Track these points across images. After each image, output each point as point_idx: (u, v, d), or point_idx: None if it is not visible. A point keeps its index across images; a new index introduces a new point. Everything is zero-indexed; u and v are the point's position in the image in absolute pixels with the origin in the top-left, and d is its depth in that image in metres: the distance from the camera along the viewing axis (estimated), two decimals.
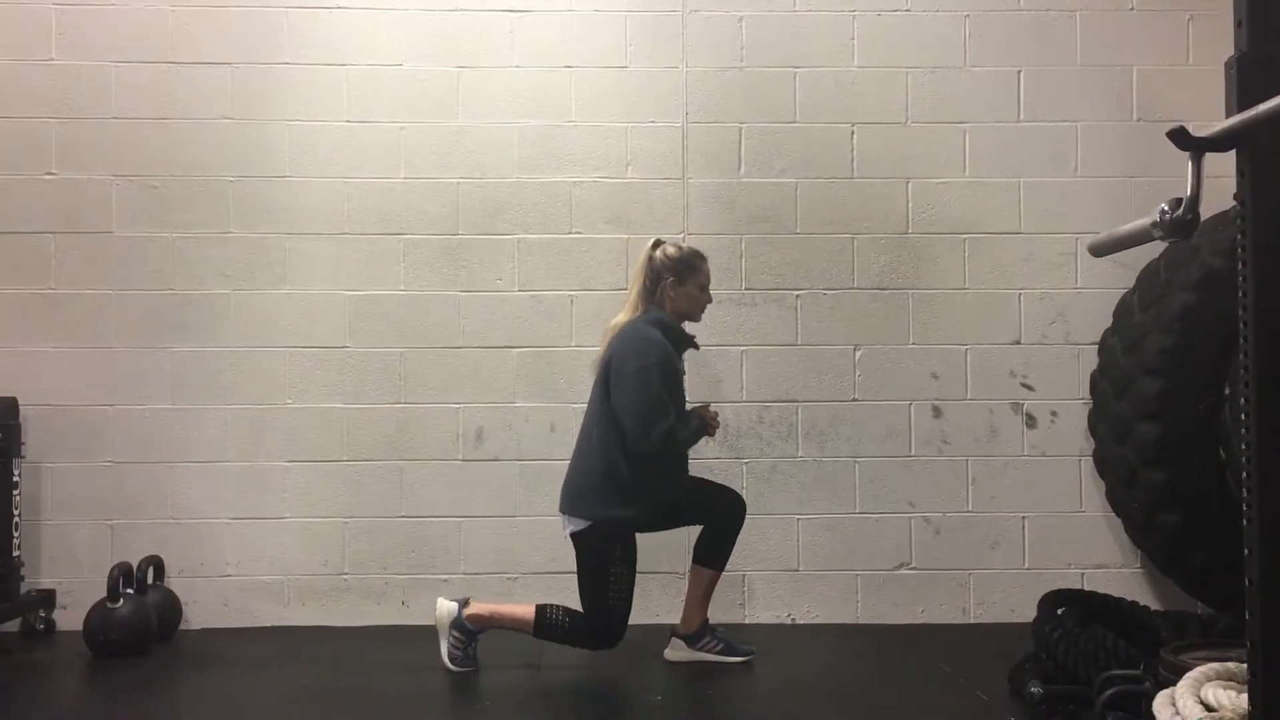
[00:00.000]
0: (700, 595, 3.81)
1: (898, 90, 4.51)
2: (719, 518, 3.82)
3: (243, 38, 4.46)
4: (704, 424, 3.72)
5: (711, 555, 3.82)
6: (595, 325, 4.28)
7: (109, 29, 4.44)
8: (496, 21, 4.49)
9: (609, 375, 3.64)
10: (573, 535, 3.67)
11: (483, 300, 4.45)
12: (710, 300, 3.85)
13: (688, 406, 3.78)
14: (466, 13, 4.49)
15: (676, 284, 3.73)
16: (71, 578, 4.33)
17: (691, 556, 3.86)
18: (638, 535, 3.69)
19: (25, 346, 4.38)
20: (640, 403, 3.56)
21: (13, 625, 4.23)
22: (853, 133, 4.51)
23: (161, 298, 4.42)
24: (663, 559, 4.26)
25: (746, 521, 3.86)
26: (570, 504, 3.68)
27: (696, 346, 3.84)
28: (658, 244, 3.79)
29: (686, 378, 3.80)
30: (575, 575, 3.70)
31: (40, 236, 4.40)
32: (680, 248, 3.80)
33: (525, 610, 3.68)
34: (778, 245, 4.48)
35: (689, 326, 3.81)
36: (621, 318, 3.74)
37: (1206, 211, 2.06)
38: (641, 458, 3.60)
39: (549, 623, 3.66)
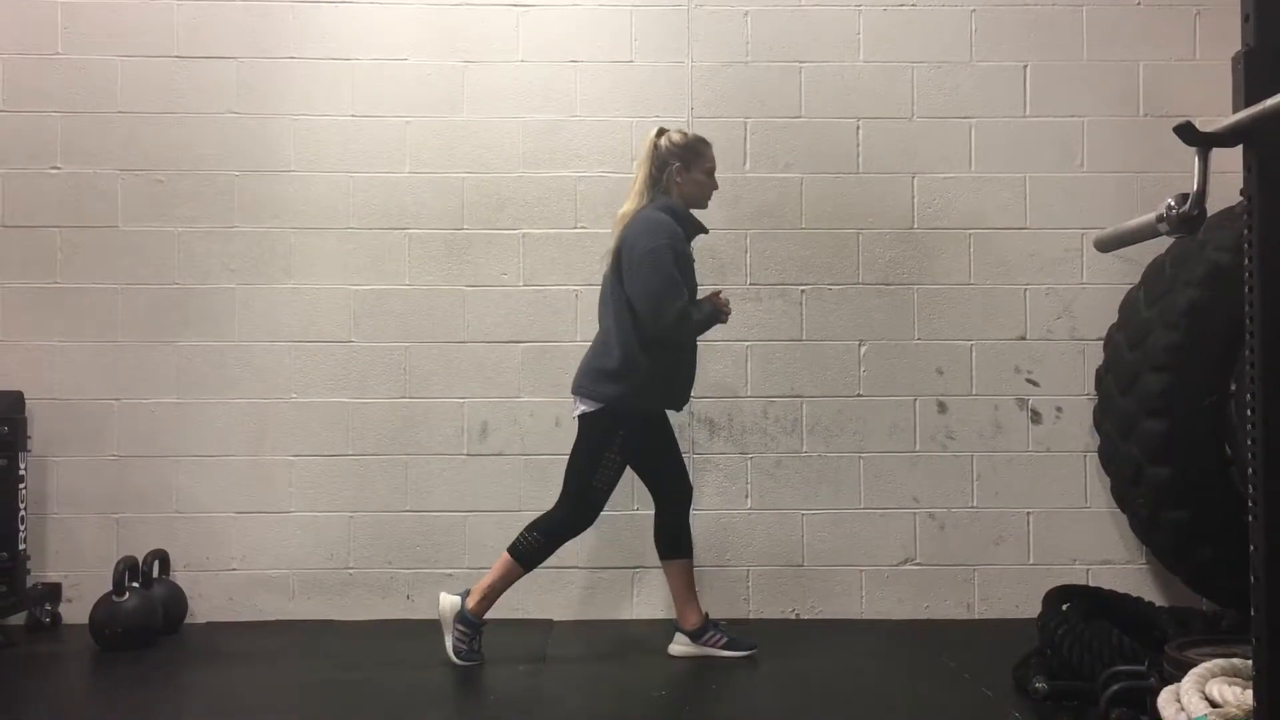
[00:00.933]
0: (683, 588, 3.81)
1: (903, 85, 4.50)
2: (669, 497, 3.83)
3: (248, 32, 4.46)
4: (716, 310, 3.71)
5: (673, 544, 3.83)
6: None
7: (115, 24, 4.45)
8: (502, 16, 4.48)
9: (619, 262, 3.65)
10: (580, 417, 3.69)
11: (487, 295, 4.45)
12: (716, 186, 3.84)
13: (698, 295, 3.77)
14: (472, 7, 4.48)
15: (683, 170, 3.73)
16: (77, 571, 4.35)
17: (658, 555, 3.86)
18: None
19: (31, 340, 4.39)
20: (653, 283, 3.56)
21: (19, 618, 4.24)
22: (858, 128, 4.50)
23: (167, 292, 4.42)
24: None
25: (751, 516, 3.87)
26: (583, 386, 3.69)
27: (705, 230, 3.84)
28: (662, 131, 3.78)
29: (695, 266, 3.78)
30: (570, 450, 3.72)
31: (46, 231, 4.41)
32: (685, 134, 3.79)
33: (502, 562, 3.69)
34: (783, 240, 4.47)
35: (696, 214, 3.80)
36: (629, 206, 3.73)
37: (1213, 207, 2.06)
38: (656, 342, 3.61)
39: (527, 550, 3.67)
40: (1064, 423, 4.45)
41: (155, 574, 4.21)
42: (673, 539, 3.83)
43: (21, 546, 4.17)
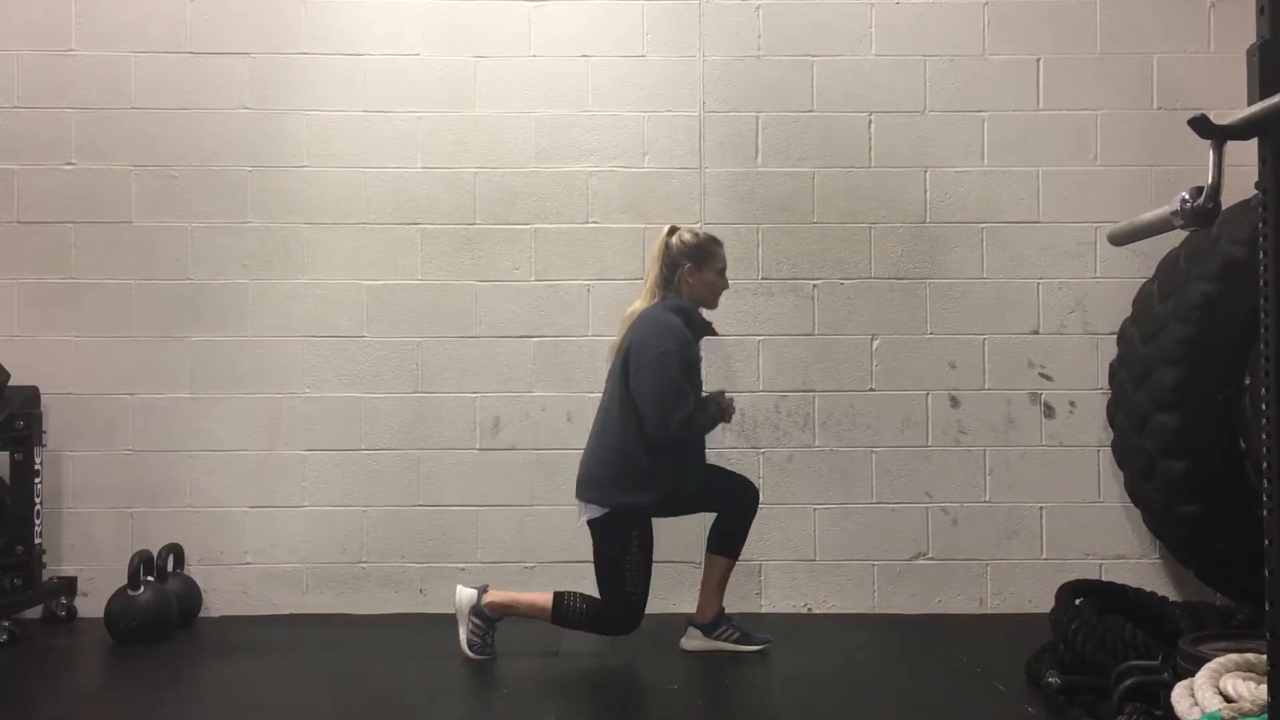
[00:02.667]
0: (715, 583, 3.82)
1: (916, 79, 4.49)
2: (733, 505, 3.83)
3: (261, 28, 4.47)
4: (721, 411, 3.74)
5: (726, 543, 3.82)
6: (612, 314, 4.28)
7: (128, 20, 4.46)
8: (514, 11, 4.49)
9: (627, 362, 3.64)
10: (590, 523, 3.68)
11: (499, 290, 4.46)
12: (727, 286, 3.85)
13: (704, 394, 3.78)
14: (484, 2, 4.49)
15: (694, 270, 3.73)
16: (92, 565, 4.37)
17: (706, 545, 3.86)
18: (653, 521, 3.70)
19: (46, 336, 4.41)
20: (660, 389, 3.56)
21: (35, 612, 4.26)
22: (870, 121, 4.49)
23: (180, 287, 4.44)
24: (678, 548, 4.26)
25: (763, 511, 3.86)
26: (587, 491, 3.69)
27: (715, 333, 3.85)
28: (673, 230, 3.79)
29: (703, 365, 3.80)
30: (592, 563, 3.71)
31: (60, 226, 4.43)
32: (696, 233, 3.80)
33: (543, 598, 3.70)
34: (795, 235, 4.47)
35: (706, 314, 3.81)
36: (639, 305, 3.75)
37: (1227, 200, 2.05)
38: (659, 444, 3.60)
39: (567, 610, 3.68)
40: (1077, 417, 4.44)
41: (170, 568, 4.23)
42: (727, 536, 3.83)
43: (37, 540, 4.19)
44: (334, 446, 4.43)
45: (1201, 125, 1.94)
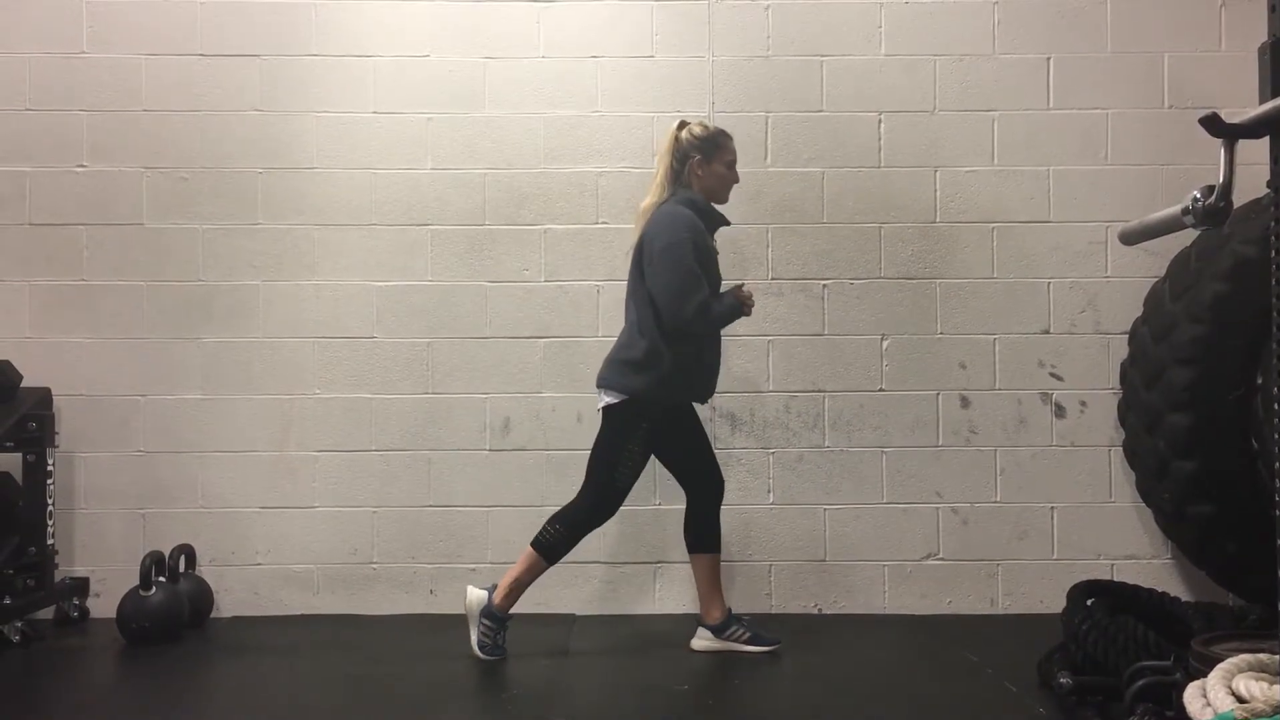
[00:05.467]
0: (709, 581, 3.82)
1: (925, 78, 4.49)
2: (701, 491, 3.83)
3: (271, 30, 4.49)
4: (738, 302, 3.70)
5: (703, 539, 3.83)
6: (622, 316, 4.29)
7: (139, 22, 4.48)
8: (523, 12, 4.49)
9: (642, 257, 3.65)
10: (605, 408, 3.70)
11: (509, 291, 4.46)
12: (737, 179, 3.84)
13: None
14: (493, 3, 4.49)
15: (703, 162, 3.73)
16: (104, 566, 4.39)
17: (686, 547, 3.86)
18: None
19: (58, 337, 4.43)
20: (673, 277, 3.56)
21: (47, 612, 4.28)
22: (880, 121, 4.49)
23: (192, 289, 4.45)
24: (683, 550, 4.25)
25: (773, 511, 3.87)
26: (607, 378, 3.70)
27: (727, 223, 3.84)
28: (683, 124, 3.78)
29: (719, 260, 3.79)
30: (593, 443, 3.73)
31: (72, 228, 4.45)
32: (706, 126, 3.79)
33: (526, 556, 3.70)
34: (804, 235, 4.46)
35: (719, 208, 3.81)
36: (650, 200, 3.74)
37: (1239, 199, 2.05)
38: (678, 336, 3.61)
39: (550, 542, 3.68)
40: (1088, 417, 4.43)
41: (181, 568, 4.24)
42: (702, 532, 3.83)
43: (50, 541, 4.21)
44: (345, 447, 4.44)
45: (1213, 124, 1.94)
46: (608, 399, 3.69)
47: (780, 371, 4.45)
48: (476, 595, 3.72)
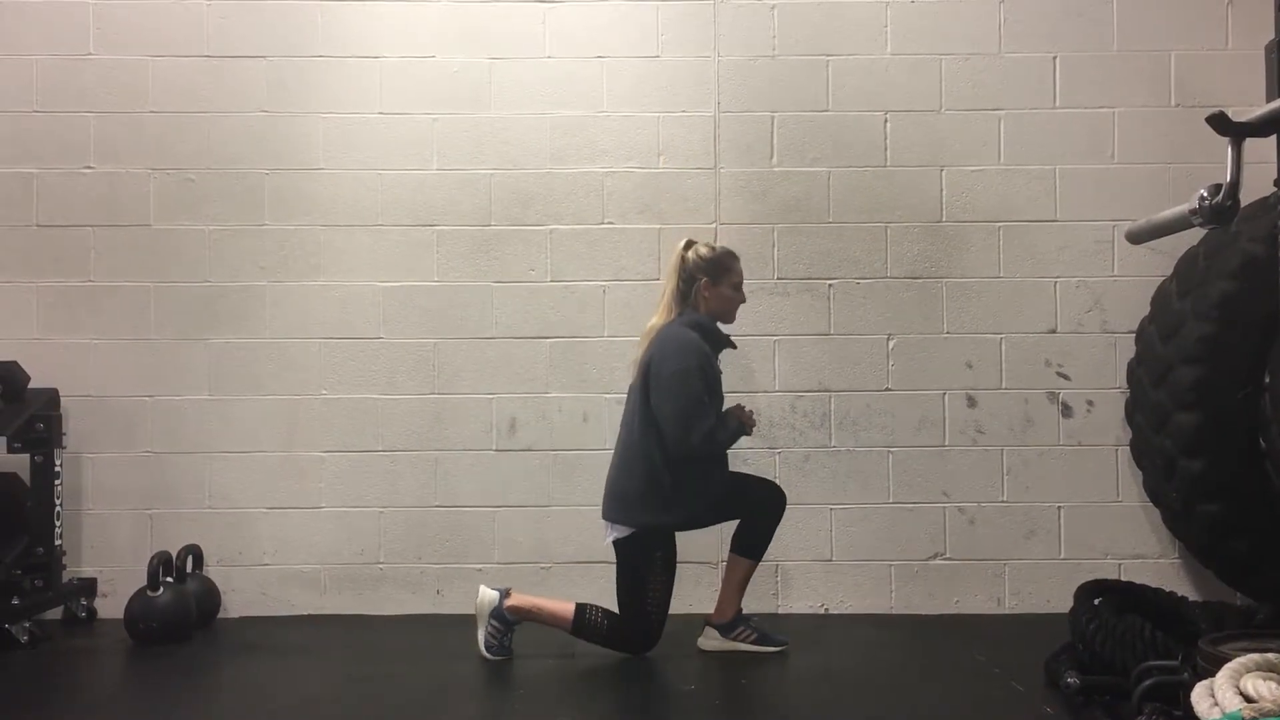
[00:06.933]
0: (736, 584, 3.81)
1: (931, 77, 4.48)
2: (759, 511, 3.81)
3: (277, 31, 4.49)
4: (742, 424, 3.72)
5: (750, 545, 3.81)
6: (628, 315, 4.30)
7: (146, 24, 4.49)
8: (528, 12, 4.50)
9: (647, 379, 3.65)
10: (615, 542, 3.69)
11: (515, 291, 4.47)
12: (744, 300, 3.85)
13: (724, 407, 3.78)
14: (498, 3, 4.50)
15: (710, 285, 3.73)
16: (112, 566, 4.40)
17: (730, 545, 3.86)
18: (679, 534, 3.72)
19: (65, 338, 4.44)
20: (680, 406, 3.56)
21: (55, 613, 4.29)
22: (886, 120, 4.48)
23: (199, 290, 4.46)
24: (697, 550, 4.25)
25: None
26: (613, 511, 3.69)
27: (733, 346, 3.85)
28: (690, 244, 3.78)
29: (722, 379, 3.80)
30: (615, 574, 3.73)
31: (80, 230, 4.46)
32: (713, 248, 3.79)
33: (565, 607, 3.71)
34: (810, 234, 4.46)
35: (724, 328, 3.81)
36: (657, 320, 3.74)
37: (1246, 198, 2.05)
38: (683, 460, 3.61)
39: (587, 623, 3.69)
40: (1095, 416, 4.42)
41: (189, 569, 4.25)
42: (752, 538, 3.81)
43: (57, 542, 4.21)
44: (351, 448, 4.45)
45: (1220, 122, 1.94)
46: (614, 533, 3.68)
47: (786, 371, 4.45)
48: (489, 596, 3.72)
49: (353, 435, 4.45)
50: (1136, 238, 4.26)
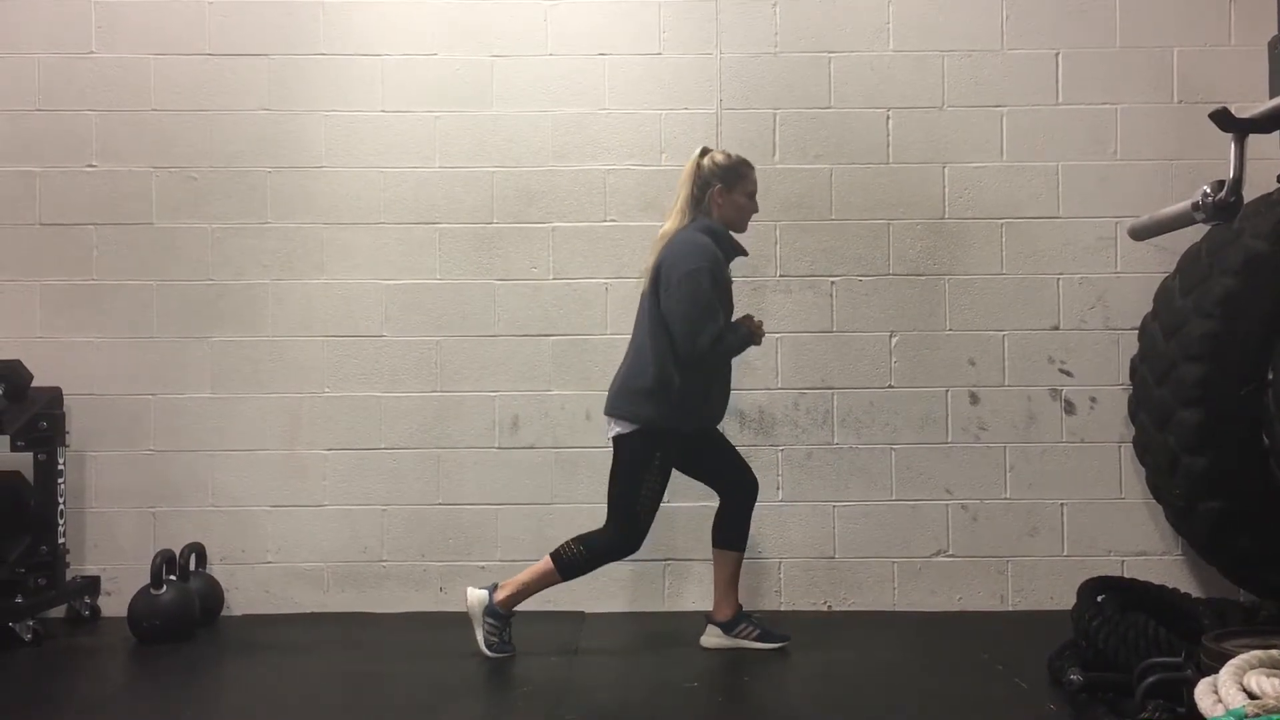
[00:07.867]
0: (727, 579, 3.81)
1: (934, 74, 4.48)
2: (735, 494, 3.83)
3: (279, 29, 4.49)
4: (750, 333, 3.70)
5: (730, 536, 3.83)
6: (630, 313, 4.28)
7: (148, 23, 4.49)
8: (530, 9, 4.49)
9: (657, 282, 3.64)
10: (616, 438, 3.68)
11: (518, 289, 4.47)
12: (756, 209, 3.83)
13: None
14: (500, 1, 4.49)
15: (724, 191, 3.72)
16: (115, 564, 4.40)
17: (712, 541, 3.86)
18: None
19: (68, 337, 4.44)
20: (689, 308, 3.55)
21: (59, 611, 4.30)
22: (888, 117, 4.48)
23: (201, 288, 4.47)
24: (697, 548, 4.25)
25: (782, 509, 3.87)
26: (617, 407, 3.68)
27: (745, 253, 3.84)
28: (705, 151, 3.77)
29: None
30: (610, 472, 3.71)
31: (82, 228, 4.46)
32: (728, 155, 3.78)
33: (542, 565, 3.70)
34: (813, 231, 4.46)
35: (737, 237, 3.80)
36: (669, 226, 3.73)
37: (1249, 194, 2.04)
38: (690, 364, 3.60)
39: (570, 562, 3.68)
40: (1098, 413, 4.42)
41: (192, 567, 4.26)
42: (730, 530, 3.83)
43: (60, 540, 4.22)
44: (354, 446, 4.45)
45: (1223, 118, 1.94)
46: (618, 428, 3.67)
47: (789, 368, 4.44)
48: (477, 595, 3.72)
49: (355, 433, 4.45)
50: (1139, 234, 4.27)
